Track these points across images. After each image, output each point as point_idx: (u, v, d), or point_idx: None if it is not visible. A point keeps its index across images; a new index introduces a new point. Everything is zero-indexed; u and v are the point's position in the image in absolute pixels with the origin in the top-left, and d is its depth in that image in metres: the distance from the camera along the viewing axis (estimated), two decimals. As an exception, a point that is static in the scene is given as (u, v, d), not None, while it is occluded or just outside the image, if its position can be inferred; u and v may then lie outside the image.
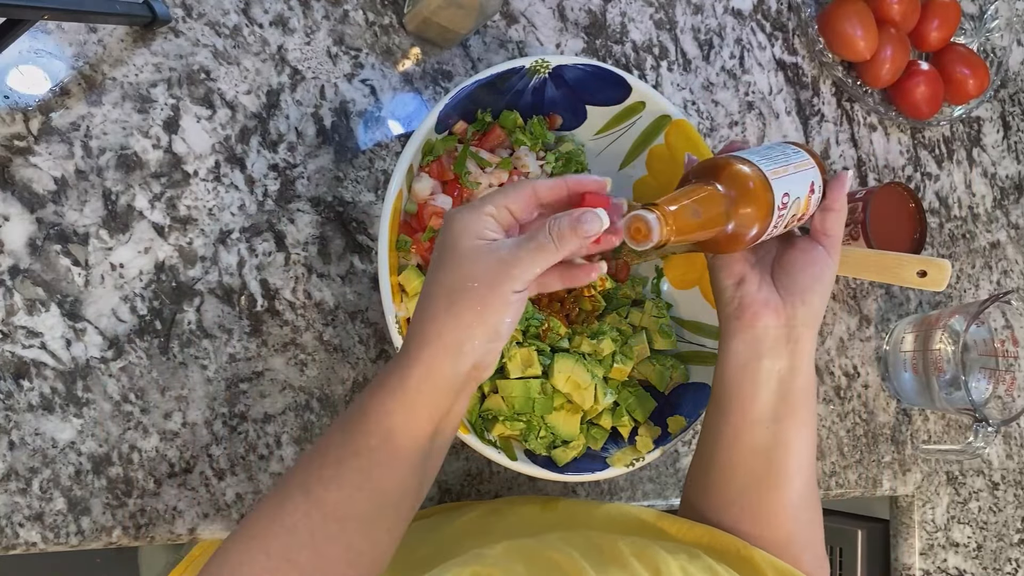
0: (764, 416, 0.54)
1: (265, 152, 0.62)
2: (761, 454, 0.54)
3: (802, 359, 0.54)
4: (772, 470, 0.54)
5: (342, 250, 0.64)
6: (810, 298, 0.54)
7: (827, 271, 0.55)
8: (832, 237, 0.55)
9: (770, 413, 0.54)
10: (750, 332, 0.54)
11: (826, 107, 0.91)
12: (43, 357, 0.55)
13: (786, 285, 0.54)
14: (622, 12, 0.78)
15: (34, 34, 0.55)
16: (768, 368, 0.53)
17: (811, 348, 0.55)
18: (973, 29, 1.00)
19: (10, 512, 0.53)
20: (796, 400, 0.54)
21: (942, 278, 0.63)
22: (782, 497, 0.54)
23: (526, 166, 0.65)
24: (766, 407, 0.54)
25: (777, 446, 0.54)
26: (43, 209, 0.55)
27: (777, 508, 0.54)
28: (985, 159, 1.02)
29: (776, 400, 0.54)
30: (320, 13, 0.65)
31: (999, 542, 0.99)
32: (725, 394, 0.55)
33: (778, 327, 0.53)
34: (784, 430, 0.54)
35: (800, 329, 0.54)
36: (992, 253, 1.01)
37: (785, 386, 0.54)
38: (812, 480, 0.56)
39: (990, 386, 0.87)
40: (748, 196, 0.51)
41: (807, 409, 0.55)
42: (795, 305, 0.54)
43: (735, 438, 0.55)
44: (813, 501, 0.57)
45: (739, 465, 0.55)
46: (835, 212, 0.55)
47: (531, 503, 0.63)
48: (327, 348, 0.63)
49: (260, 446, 0.60)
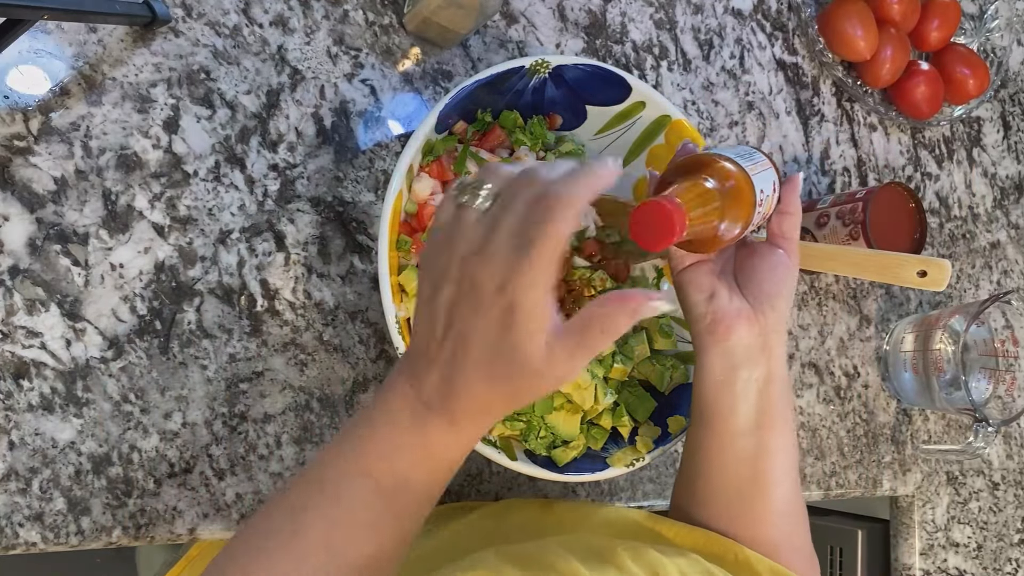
0: (746, 426, 0.54)
1: (265, 152, 0.62)
2: (746, 463, 0.54)
3: (777, 364, 0.54)
4: (758, 478, 0.54)
5: (342, 250, 0.64)
6: (778, 303, 0.54)
7: (790, 277, 0.55)
8: (790, 240, 0.55)
9: (752, 423, 0.54)
10: (725, 345, 0.53)
11: (826, 107, 0.91)
12: (43, 357, 0.55)
13: (753, 293, 0.54)
14: (622, 12, 0.78)
15: (34, 34, 0.55)
16: (746, 379, 0.53)
17: (783, 352, 0.55)
18: (973, 29, 1.00)
19: (10, 512, 0.53)
20: (775, 406, 0.54)
21: (942, 278, 0.63)
22: (770, 503, 0.55)
23: (526, 166, 0.65)
24: (747, 417, 0.54)
25: (761, 454, 0.54)
26: (43, 209, 0.55)
27: (766, 514, 0.55)
28: (985, 159, 1.02)
29: (756, 409, 0.54)
30: (320, 13, 0.65)
31: (999, 542, 0.99)
32: (706, 408, 0.55)
33: (752, 336, 0.53)
34: (766, 438, 0.54)
35: (772, 335, 0.54)
36: (992, 253, 1.01)
37: (764, 394, 0.54)
38: (797, 482, 0.57)
39: (990, 386, 0.87)
40: (736, 192, 0.50)
41: (786, 413, 0.55)
42: (765, 312, 0.53)
43: (719, 450, 0.55)
44: (799, 503, 0.57)
45: (725, 476, 0.55)
46: (791, 215, 0.55)
47: (529, 506, 0.63)
48: (327, 348, 0.63)
49: (260, 446, 0.60)
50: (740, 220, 0.51)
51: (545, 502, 0.65)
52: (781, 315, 0.54)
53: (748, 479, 0.54)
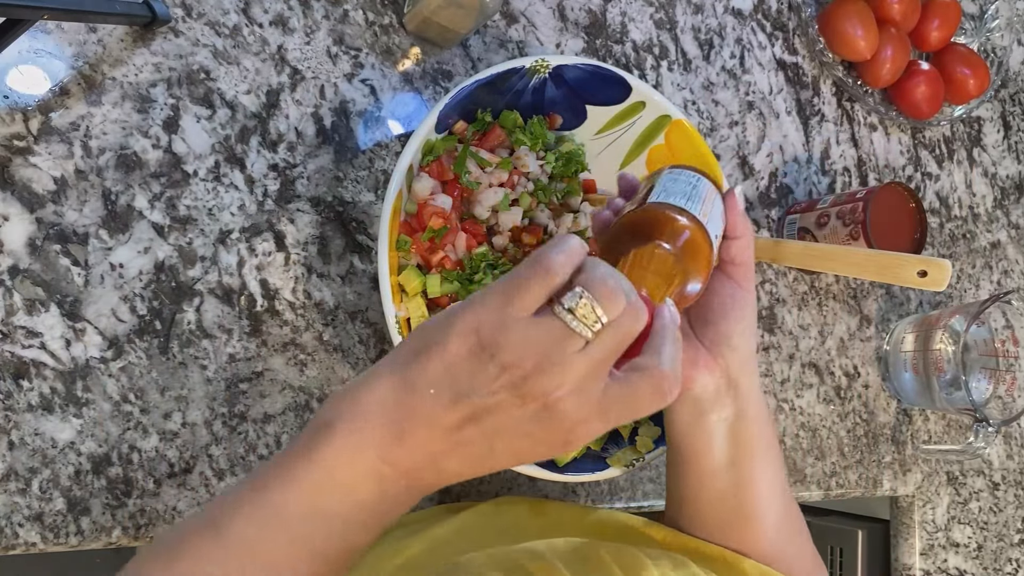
0: (722, 464, 0.52)
1: (265, 152, 0.62)
2: (728, 497, 0.53)
3: (747, 401, 0.51)
4: (743, 508, 0.53)
5: (342, 250, 0.64)
6: (738, 342, 0.50)
7: (747, 308, 0.50)
8: (741, 266, 0.50)
9: (727, 459, 0.52)
10: (688, 394, 0.51)
11: (826, 107, 0.91)
12: (43, 357, 0.55)
13: (709, 336, 0.50)
14: (622, 12, 0.78)
15: (34, 34, 0.55)
16: (715, 420, 0.51)
17: (753, 385, 0.51)
18: (973, 29, 1.00)
19: (10, 512, 0.53)
20: (750, 441, 0.52)
21: (942, 278, 0.63)
22: (759, 529, 0.53)
23: (526, 166, 0.65)
24: (722, 457, 0.52)
25: (742, 488, 0.52)
26: (43, 209, 0.55)
27: (756, 538, 0.53)
28: (985, 159, 1.02)
29: (730, 447, 0.51)
30: (320, 13, 0.65)
31: (999, 542, 0.99)
32: (679, 451, 0.53)
33: (715, 381, 0.50)
34: (745, 471, 0.52)
35: (737, 375, 0.50)
36: (992, 253, 1.01)
37: (736, 432, 0.51)
38: (787, 504, 0.55)
39: (990, 386, 0.87)
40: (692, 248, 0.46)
41: (764, 445, 0.52)
42: (725, 355, 0.50)
43: (699, 488, 0.53)
44: (792, 519, 0.56)
45: (708, 511, 0.53)
46: (738, 239, 0.50)
47: (521, 507, 0.63)
48: (327, 348, 0.63)
49: (260, 446, 0.60)
50: (700, 276, 0.47)
51: (537, 503, 0.64)
52: (743, 352, 0.50)
53: (733, 510, 0.53)
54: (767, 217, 0.86)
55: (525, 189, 0.66)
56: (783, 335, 0.85)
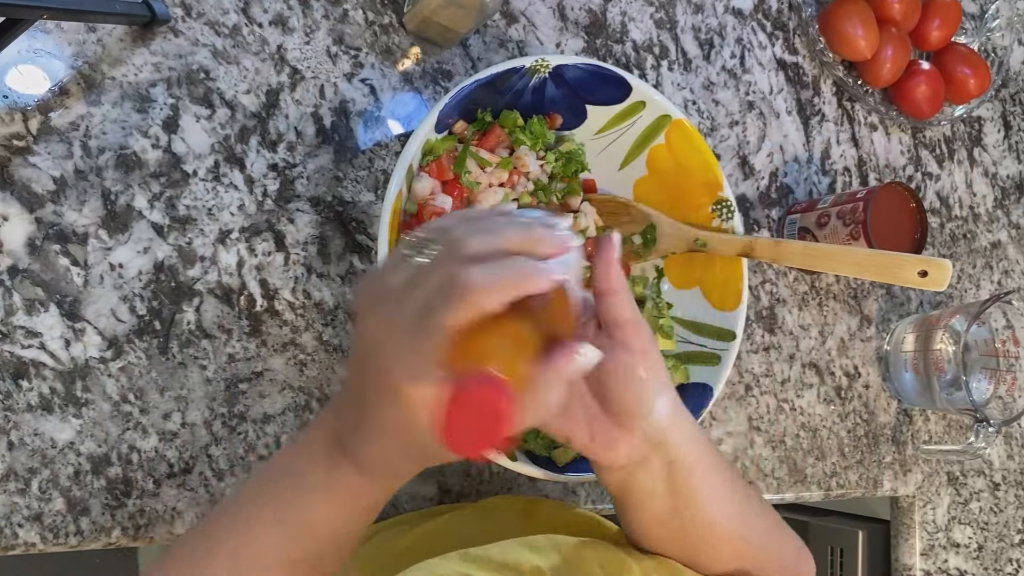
0: (665, 513, 0.49)
1: (264, 152, 0.62)
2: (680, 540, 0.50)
3: (677, 452, 0.47)
4: (700, 548, 0.50)
5: (342, 250, 0.64)
6: (646, 410, 0.45)
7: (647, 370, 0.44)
8: (626, 324, 0.44)
9: (669, 508, 0.48)
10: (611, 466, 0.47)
11: (827, 107, 0.90)
12: (42, 357, 0.55)
13: (615, 413, 0.45)
14: (622, 11, 0.78)
15: (33, 34, 0.55)
16: (645, 478, 0.47)
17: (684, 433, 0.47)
18: (974, 29, 1.00)
19: (9, 512, 0.53)
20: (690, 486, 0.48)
21: (943, 278, 0.63)
22: (724, 555, 0.51)
23: (526, 166, 0.65)
24: (663, 507, 0.48)
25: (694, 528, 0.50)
26: (42, 209, 0.55)
27: (724, 561, 0.51)
28: (986, 159, 1.02)
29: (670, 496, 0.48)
30: (320, 12, 0.65)
31: (1000, 543, 0.99)
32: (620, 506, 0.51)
33: (638, 448, 0.46)
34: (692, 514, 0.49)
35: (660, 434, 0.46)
36: (993, 253, 1.01)
37: (671, 481, 0.47)
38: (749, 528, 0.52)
39: (991, 386, 0.87)
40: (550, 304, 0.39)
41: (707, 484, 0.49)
42: (637, 426, 0.45)
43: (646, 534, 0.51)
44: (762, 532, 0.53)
45: (668, 550, 0.51)
46: (611, 294, 0.44)
47: (513, 507, 0.63)
48: (327, 348, 0.63)
49: (259, 446, 0.60)
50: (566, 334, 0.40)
51: (529, 503, 0.64)
52: (659, 411, 0.45)
53: (691, 548, 0.50)
54: (767, 217, 0.86)
55: (525, 189, 0.66)
56: (783, 335, 0.85)
